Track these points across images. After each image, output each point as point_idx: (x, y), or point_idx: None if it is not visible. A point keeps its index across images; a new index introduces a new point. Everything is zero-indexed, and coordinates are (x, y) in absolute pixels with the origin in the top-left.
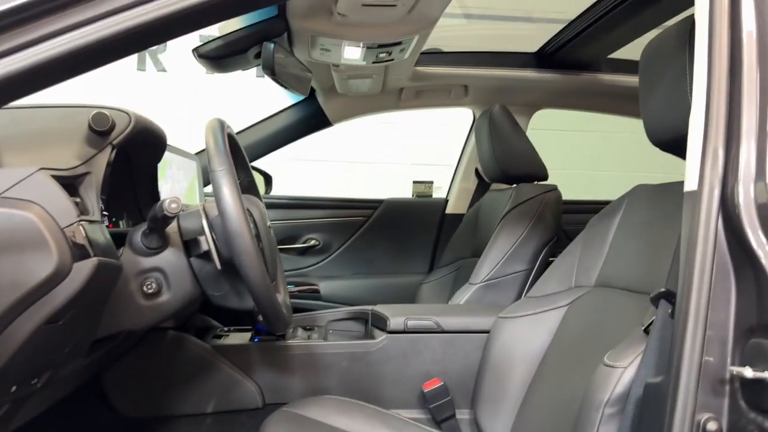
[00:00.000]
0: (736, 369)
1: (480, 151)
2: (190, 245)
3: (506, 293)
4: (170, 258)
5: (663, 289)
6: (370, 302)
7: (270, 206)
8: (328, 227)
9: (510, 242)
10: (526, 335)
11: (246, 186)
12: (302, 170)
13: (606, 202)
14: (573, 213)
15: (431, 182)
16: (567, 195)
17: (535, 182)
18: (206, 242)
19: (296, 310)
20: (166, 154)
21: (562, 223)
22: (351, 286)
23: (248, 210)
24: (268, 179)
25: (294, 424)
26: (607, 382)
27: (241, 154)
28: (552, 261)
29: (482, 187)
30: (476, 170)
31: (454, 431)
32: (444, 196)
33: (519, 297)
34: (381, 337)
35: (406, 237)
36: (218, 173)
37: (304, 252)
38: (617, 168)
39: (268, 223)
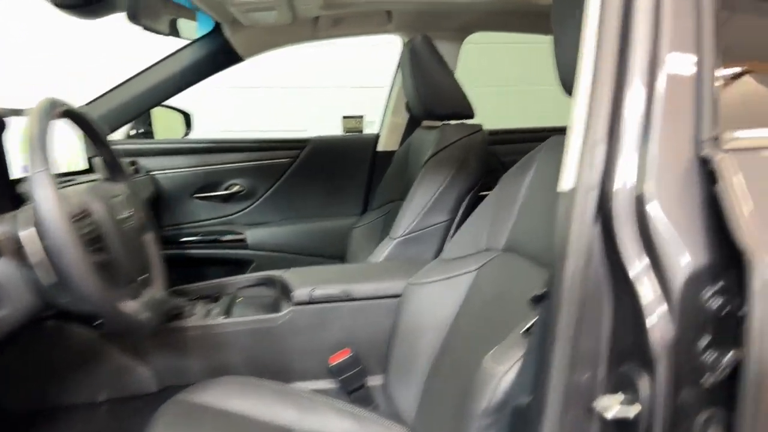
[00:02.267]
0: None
1: (405, 85)
2: (24, 253)
3: (427, 245)
4: (2, 269)
5: (545, 290)
6: (300, 249)
7: (186, 151)
8: (252, 171)
9: (431, 192)
10: (436, 301)
11: (109, 163)
12: (228, 99)
13: (540, 130)
14: (506, 144)
15: (362, 116)
16: (498, 113)
17: (461, 121)
18: (35, 253)
19: (221, 261)
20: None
21: (500, 155)
22: (280, 232)
23: (84, 211)
24: (187, 118)
25: (188, 414)
26: (484, 388)
27: (93, 130)
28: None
29: (413, 122)
30: (407, 103)
31: (365, 401)
32: (376, 131)
33: (441, 249)
34: (286, 309)
35: (337, 177)
36: (32, 178)
37: (227, 199)
38: (551, 82)
39: (125, 214)
